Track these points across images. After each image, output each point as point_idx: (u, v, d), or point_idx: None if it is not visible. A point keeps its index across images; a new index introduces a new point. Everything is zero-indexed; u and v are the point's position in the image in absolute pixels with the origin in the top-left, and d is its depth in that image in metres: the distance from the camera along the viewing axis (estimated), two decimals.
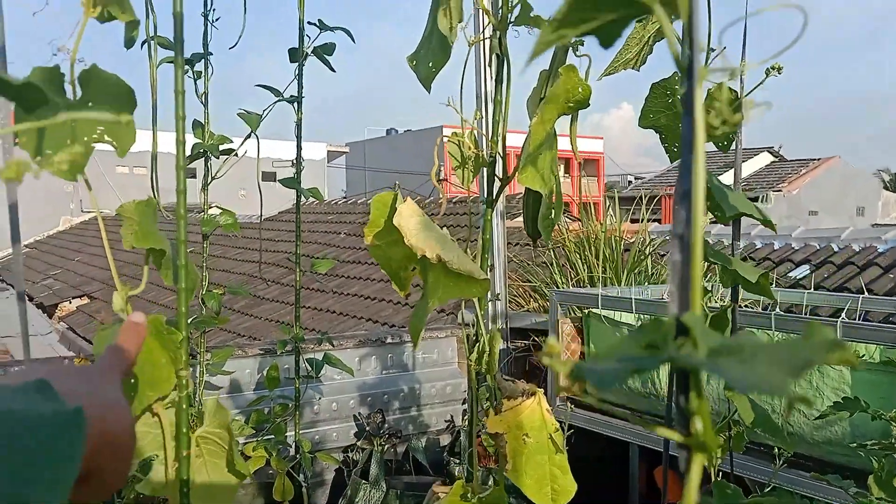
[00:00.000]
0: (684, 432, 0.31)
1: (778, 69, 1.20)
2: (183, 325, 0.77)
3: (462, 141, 0.98)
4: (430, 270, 0.91)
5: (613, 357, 0.30)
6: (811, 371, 1.55)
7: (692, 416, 0.30)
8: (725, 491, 1.15)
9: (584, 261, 2.94)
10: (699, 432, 0.30)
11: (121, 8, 0.80)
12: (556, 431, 0.90)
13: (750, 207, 1.15)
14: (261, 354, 2.20)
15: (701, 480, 0.31)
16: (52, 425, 0.29)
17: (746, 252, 6.02)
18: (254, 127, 1.99)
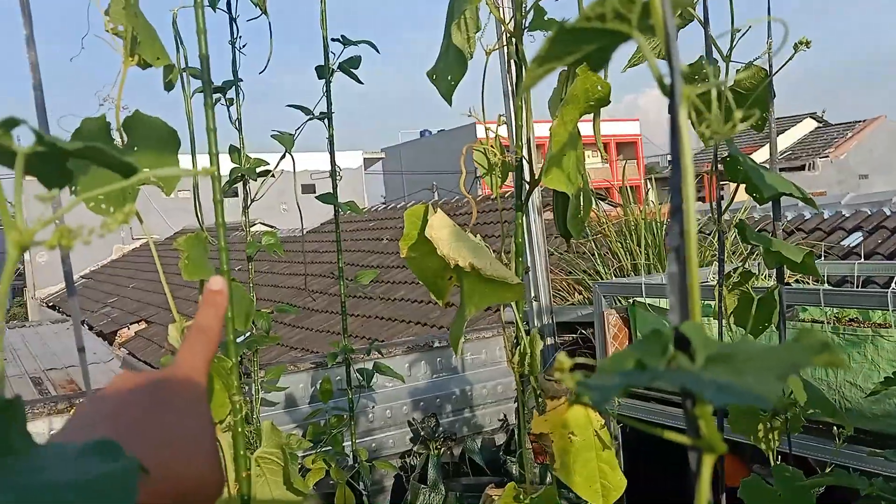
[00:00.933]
0: (694, 435, 0.32)
1: (806, 43, 1.19)
2: (232, 353, 0.80)
3: (487, 148, 1.00)
4: (465, 278, 0.93)
5: (615, 370, 0.31)
6: (866, 344, 1.52)
7: (697, 419, 0.31)
8: (784, 474, 1.14)
9: (626, 248, 2.92)
10: (706, 435, 0.32)
11: (156, 55, 0.84)
12: (602, 428, 0.91)
13: (788, 186, 1.14)
14: (312, 368, 2.25)
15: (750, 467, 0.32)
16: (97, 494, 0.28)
17: (795, 224, 5.87)
18: (288, 147, 2.03)
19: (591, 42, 0.35)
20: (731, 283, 1.19)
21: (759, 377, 0.26)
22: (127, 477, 0.26)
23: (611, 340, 2.12)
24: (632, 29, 0.35)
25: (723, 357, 0.31)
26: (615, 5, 0.34)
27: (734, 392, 0.28)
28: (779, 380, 0.25)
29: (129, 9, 0.81)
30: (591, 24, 0.34)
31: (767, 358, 0.30)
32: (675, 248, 0.34)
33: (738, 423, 1.29)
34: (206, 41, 0.78)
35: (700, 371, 0.31)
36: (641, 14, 0.35)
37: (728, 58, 1.17)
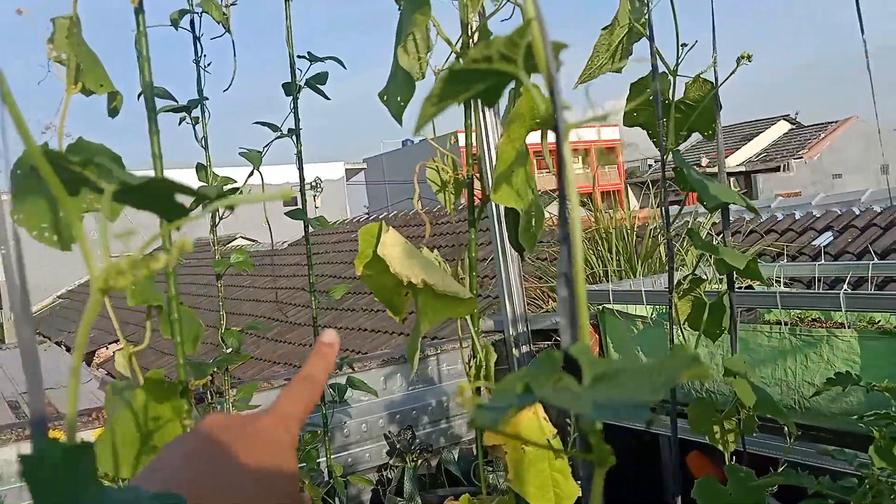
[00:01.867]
0: (584, 449, 0.34)
1: (748, 57, 1.22)
2: (183, 375, 0.82)
3: (440, 166, 1.02)
4: (419, 294, 0.95)
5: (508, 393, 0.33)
6: (821, 344, 1.56)
7: (587, 434, 0.33)
8: (738, 474, 1.17)
9: (598, 255, 2.95)
10: (595, 449, 0.34)
11: (99, 82, 0.86)
12: (555, 437, 0.93)
13: (731, 196, 1.17)
14: (285, 384, 2.25)
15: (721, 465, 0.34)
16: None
17: (768, 225, 5.96)
18: (256, 164, 2.05)
19: (481, 81, 0.37)
20: (681, 290, 1.22)
21: (635, 393, 0.28)
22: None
23: None
24: (518, 69, 0.37)
25: (607, 376, 0.33)
26: (500, 48, 0.36)
27: (610, 408, 0.30)
28: (653, 394, 0.27)
29: (71, 38, 0.82)
30: (478, 65, 0.36)
31: (644, 375, 0.32)
32: (563, 274, 0.36)
33: (697, 425, 1.32)
34: (149, 69, 0.79)
35: (585, 390, 0.33)
36: (526, 55, 0.37)
37: (675, 72, 1.20)
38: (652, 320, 1.95)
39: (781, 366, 1.62)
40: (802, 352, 1.59)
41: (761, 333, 1.67)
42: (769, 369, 1.65)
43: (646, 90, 1.26)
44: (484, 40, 0.94)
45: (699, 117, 1.24)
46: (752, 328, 1.70)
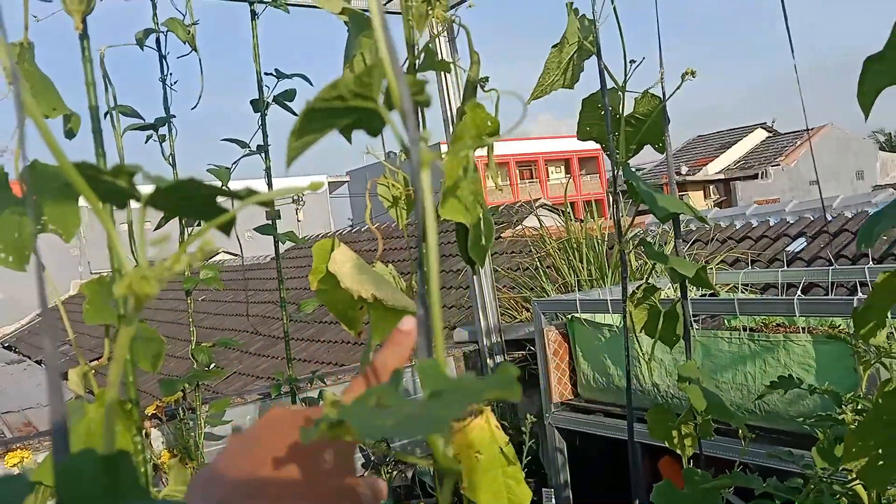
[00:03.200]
0: (431, 461, 0.36)
1: (692, 73, 1.26)
2: (131, 392, 0.83)
3: (391, 183, 1.04)
4: (372, 309, 0.97)
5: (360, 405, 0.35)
6: (779, 349, 1.59)
7: (434, 446, 0.36)
8: (694, 478, 1.19)
9: (569, 265, 2.98)
10: (439, 458, 0.36)
11: (52, 106, 0.88)
12: (507, 445, 0.95)
13: (680, 206, 1.21)
14: (259, 399, 2.26)
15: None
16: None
17: (744, 232, 6.03)
18: (224, 181, 2.06)
19: (343, 117, 0.40)
20: (636, 299, 1.25)
21: (447, 409, 0.30)
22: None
23: (551, 356, 2.17)
24: (376, 105, 0.39)
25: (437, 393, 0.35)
26: (350, 87, 0.38)
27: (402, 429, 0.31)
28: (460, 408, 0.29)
29: (22, 63, 0.84)
30: (330, 104, 0.38)
31: (463, 393, 0.34)
32: (420, 296, 0.39)
33: (656, 431, 1.34)
34: (94, 93, 0.81)
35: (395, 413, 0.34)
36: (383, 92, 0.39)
37: (623, 87, 1.23)
38: (618, 329, 1.98)
39: (742, 370, 1.66)
40: (761, 356, 1.62)
41: (722, 339, 1.71)
42: (730, 374, 1.68)
43: (597, 105, 1.29)
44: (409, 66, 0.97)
45: (649, 130, 1.27)
46: (713, 334, 1.73)
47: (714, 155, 19.57)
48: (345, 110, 0.38)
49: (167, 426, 2.06)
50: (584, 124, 1.34)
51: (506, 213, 5.41)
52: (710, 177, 18.81)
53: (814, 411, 1.53)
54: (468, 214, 1.00)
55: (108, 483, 0.31)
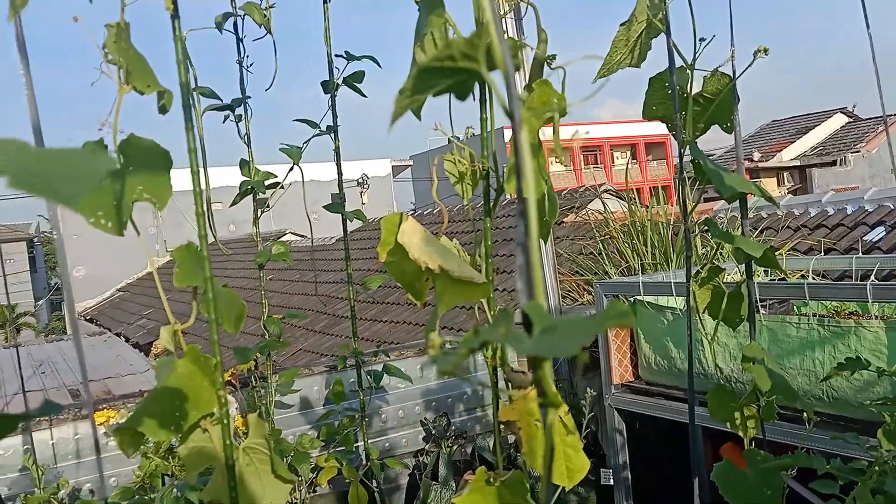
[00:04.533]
0: (542, 396, 0.39)
1: (764, 51, 1.24)
2: (216, 352, 0.89)
3: (457, 159, 1.07)
4: (438, 280, 1.00)
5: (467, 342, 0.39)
6: (849, 335, 1.56)
7: (541, 382, 0.39)
8: (755, 458, 1.19)
9: (633, 248, 2.96)
10: (548, 393, 0.39)
11: (146, 83, 0.94)
12: (566, 415, 0.98)
13: (747, 185, 1.20)
14: (325, 371, 2.34)
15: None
16: None
17: (819, 219, 5.82)
18: (296, 160, 2.13)
19: (448, 77, 0.43)
20: (700, 279, 1.25)
21: (567, 340, 0.33)
22: None
23: (612, 338, 2.17)
24: (480, 66, 0.42)
25: (551, 328, 0.39)
26: (460, 48, 0.41)
27: (543, 349, 0.36)
28: (581, 339, 0.33)
29: (120, 42, 0.91)
30: (443, 63, 0.42)
31: (578, 327, 0.38)
32: (520, 244, 0.42)
33: (717, 412, 1.34)
34: (185, 70, 0.87)
35: (532, 338, 0.39)
36: (487, 54, 0.42)
37: (692, 66, 1.23)
38: (681, 312, 1.97)
39: (810, 356, 1.63)
40: (831, 342, 1.59)
41: (790, 325, 1.68)
42: (797, 359, 1.65)
43: (664, 84, 1.29)
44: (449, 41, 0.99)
45: (717, 109, 1.26)
46: (780, 319, 1.71)
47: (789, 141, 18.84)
48: (451, 70, 0.41)
49: (240, 393, 2.17)
50: (650, 104, 1.34)
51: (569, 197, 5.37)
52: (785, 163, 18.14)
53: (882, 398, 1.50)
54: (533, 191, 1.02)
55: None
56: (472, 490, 1.01)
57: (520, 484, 0.99)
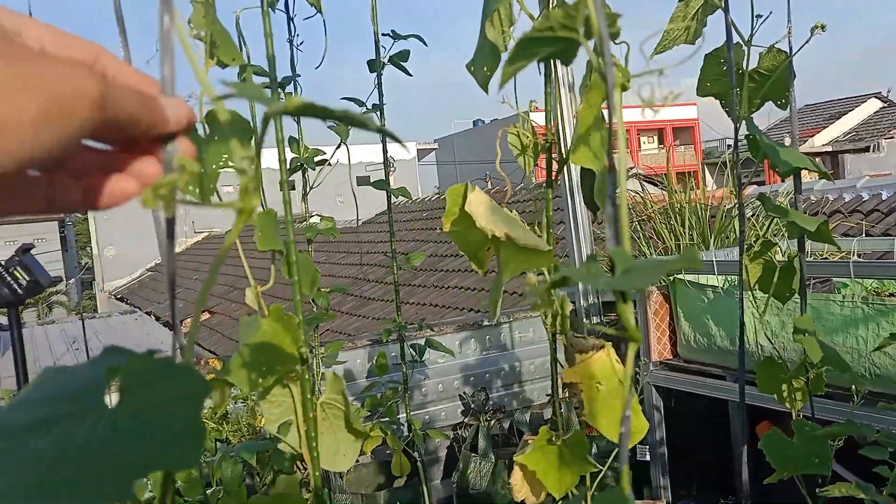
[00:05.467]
0: (621, 330, 0.43)
1: (822, 27, 1.26)
2: (299, 311, 0.94)
3: (520, 131, 1.11)
4: (502, 248, 1.04)
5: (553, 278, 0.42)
6: (894, 313, 1.58)
7: (622, 318, 0.43)
8: (804, 428, 1.22)
9: (670, 229, 2.98)
10: (629, 328, 0.43)
11: (232, 56, 0.99)
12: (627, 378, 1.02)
13: (803, 161, 1.22)
14: (368, 345, 2.40)
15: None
16: None
17: (853, 205, 5.76)
18: (344, 137, 2.18)
19: (549, 46, 0.47)
20: (752, 253, 1.27)
21: (643, 277, 0.37)
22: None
23: (652, 316, 2.20)
24: (578, 35, 0.46)
25: (631, 269, 0.42)
26: (559, 19, 0.45)
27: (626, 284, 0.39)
28: (655, 277, 0.37)
29: (208, 17, 0.95)
30: (543, 34, 0.45)
31: (653, 267, 0.41)
32: (609, 196, 0.46)
33: (766, 385, 1.37)
34: (272, 43, 0.91)
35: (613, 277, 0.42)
36: (585, 23, 0.46)
37: (749, 42, 1.25)
38: (722, 290, 1.99)
39: (853, 334, 1.65)
40: (875, 320, 1.61)
41: (833, 303, 1.70)
42: (841, 337, 1.67)
43: (719, 60, 1.31)
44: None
45: (773, 86, 1.28)
46: (824, 297, 1.73)
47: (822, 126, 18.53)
48: (550, 39, 0.45)
49: None
50: (704, 80, 1.36)
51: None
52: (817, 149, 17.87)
53: None
54: (597, 161, 1.05)
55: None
56: (534, 449, 1.05)
57: (580, 443, 1.03)
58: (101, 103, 0.33)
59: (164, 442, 0.31)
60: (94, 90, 0.33)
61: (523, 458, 1.06)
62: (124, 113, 0.35)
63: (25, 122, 0.30)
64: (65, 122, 0.32)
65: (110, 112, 0.34)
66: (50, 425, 0.34)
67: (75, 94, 0.32)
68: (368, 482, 2.28)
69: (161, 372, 0.38)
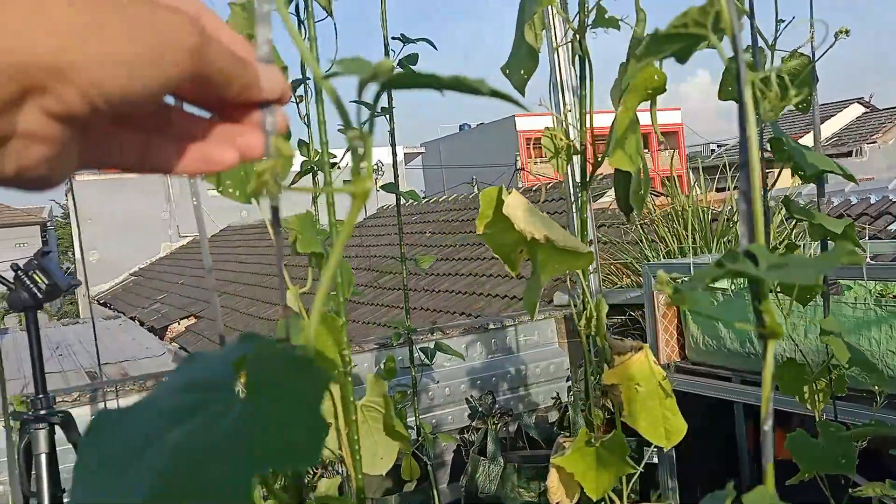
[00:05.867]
0: (760, 325, 0.44)
1: (846, 32, 1.28)
2: (343, 312, 0.94)
3: (555, 134, 1.11)
4: (539, 250, 1.05)
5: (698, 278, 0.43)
6: None
7: (762, 314, 0.43)
8: (829, 429, 1.23)
9: (674, 233, 3.00)
10: (769, 324, 0.43)
11: None
12: (664, 379, 1.02)
13: (829, 164, 1.24)
14: (376, 349, 2.39)
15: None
16: None
17: (842, 208, 5.84)
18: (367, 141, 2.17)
19: (676, 42, 0.47)
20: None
21: (801, 272, 0.38)
22: None
23: (660, 318, 2.22)
24: (707, 32, 0.46)
25: (778, 265, 0.43)
26: (694, 17, 0.46)
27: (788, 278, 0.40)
28: (817, 272, 0.37)
29: (249, 19, 0.95)
30: (677, 30, 0.46)
31: (811, 262, 0.42)
32: (743, 193, 0.46)
33: (788, 386, 1.38)
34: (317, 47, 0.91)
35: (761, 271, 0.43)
36: (714, 21, 0.47)
37: (773, 47, 1.26)
38: (732, 292, 2.01)
39: (866, 335, 1.67)
40: (887, 322, 1.63)
41: (846, 305, 1.72)
42: (854, 339, 1.69)
43: None
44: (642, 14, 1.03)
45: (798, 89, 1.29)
46: (836, 299, 1.75)
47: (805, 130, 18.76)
48: (680, 37, 0.46)
49: None
50: (726, 84, 1.37)
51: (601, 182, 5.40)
52: None
53: None
54: (632, 164, 1.06)
55: None
56: (573, 451, 1.05)
57: (619, 445, 1.03)
58: (197, 54, 0.33)
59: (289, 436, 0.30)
60: (192, 40, 0.33)
61: (561, 461, 1.06)
62: (218, 68, 0.35)
63: (121, 61, 0.30)
64: (160, 65, 0.31)
65: (205, 66, 0.34)
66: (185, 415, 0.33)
67: (173, 39, 0.32)
68: (376, 487, 2.28)
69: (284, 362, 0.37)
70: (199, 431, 0.31)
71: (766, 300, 0.43)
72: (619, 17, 1.04)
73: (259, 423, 0.31)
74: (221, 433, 0.31)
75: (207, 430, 0.31)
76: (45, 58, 0.29)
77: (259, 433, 0.30)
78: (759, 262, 0.43)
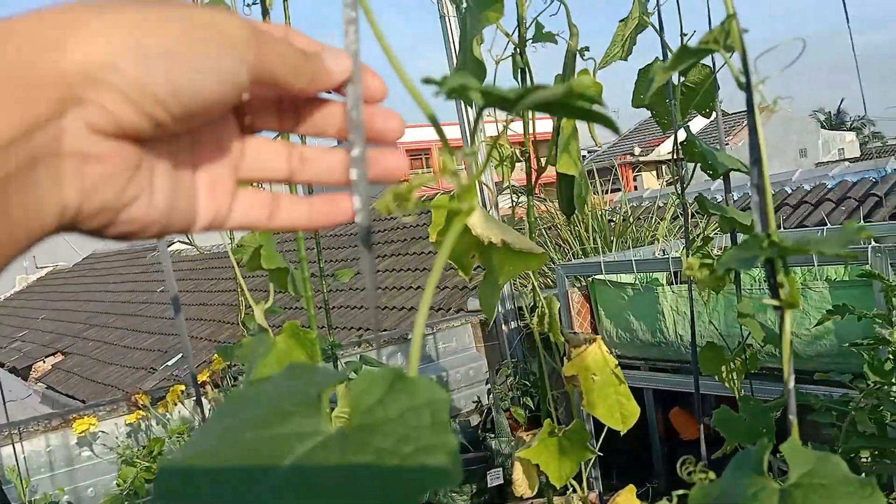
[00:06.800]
0: (776, 297, 0.50)
1: None
2: (313, 326, 0.95)
3: (500, 144, 1.17)
4: (495, 253, 1.10)
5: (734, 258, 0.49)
6: None
7: (781, 287, 0.50)
8: (749, 403, 1.36)
9: (576, 236, 3.16)
10: (787, 295, 0.50)
11: None
12: (616, 367, 1.10)
13: (736, 163, 1.37)
14: None
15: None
16: None
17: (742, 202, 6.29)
18: None
19: (693, 56, 0.53)
20: (695, 248, 1.40)
21: (831, 245, 0.44)
22: None
23: (575, 316, 2.33)
24: (720, 48, 0.53)
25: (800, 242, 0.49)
26: (714, 35, 0.52)
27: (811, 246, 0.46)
28: (844, 245, 0.44)
29: None
30: (700, 46, 0.52)
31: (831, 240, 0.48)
32: (755, 185, 0.53)
33: (707, 365, 1.51)
34: None
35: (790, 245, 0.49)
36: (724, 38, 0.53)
37: None
38: (641, 287, 2.15)
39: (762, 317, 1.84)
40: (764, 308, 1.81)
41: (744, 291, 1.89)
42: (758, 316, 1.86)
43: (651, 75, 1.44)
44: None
45: (702, 97, 1.42)
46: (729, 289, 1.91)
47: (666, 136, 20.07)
48: (697, 51, 0.52)
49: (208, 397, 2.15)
50: (638, 93, 1.49)
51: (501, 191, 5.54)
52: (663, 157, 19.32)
53: (830, 351, 1.73)
54: (576, 168, 1.14)
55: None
56: (538, 442, 1.11)
57: (580, 432, 1.10)
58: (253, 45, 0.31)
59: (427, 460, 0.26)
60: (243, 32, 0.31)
61: (526, 453, 1.11)
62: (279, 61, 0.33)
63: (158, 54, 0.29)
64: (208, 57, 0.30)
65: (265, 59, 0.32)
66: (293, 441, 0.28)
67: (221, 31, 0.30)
68: None
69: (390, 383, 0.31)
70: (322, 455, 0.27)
71: (783, 274, 0.49)
72: (555, 32, 1.11)
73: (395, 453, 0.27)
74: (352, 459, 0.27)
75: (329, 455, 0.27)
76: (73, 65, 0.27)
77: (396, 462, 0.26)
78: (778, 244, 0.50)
